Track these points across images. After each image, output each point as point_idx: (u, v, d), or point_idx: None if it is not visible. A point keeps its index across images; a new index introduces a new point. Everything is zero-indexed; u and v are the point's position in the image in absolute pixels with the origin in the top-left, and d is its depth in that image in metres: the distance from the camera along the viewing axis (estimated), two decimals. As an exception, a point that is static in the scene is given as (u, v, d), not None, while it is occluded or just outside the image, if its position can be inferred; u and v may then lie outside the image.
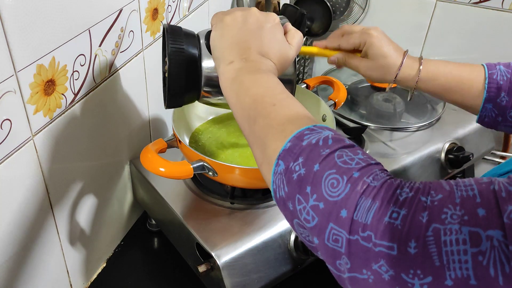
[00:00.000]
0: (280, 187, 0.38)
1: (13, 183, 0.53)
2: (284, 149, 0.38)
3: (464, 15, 1.01)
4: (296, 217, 0.37)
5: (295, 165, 0.37)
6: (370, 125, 0.90)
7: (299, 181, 0.36)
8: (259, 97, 0.44)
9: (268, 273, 0.66)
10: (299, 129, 0.39)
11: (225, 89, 0.48)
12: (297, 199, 0.37)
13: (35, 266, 0.60)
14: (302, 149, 0.37)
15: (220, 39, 0.50)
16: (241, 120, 0.45)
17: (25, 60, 0.50)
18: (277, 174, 0.39)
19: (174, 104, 0.56)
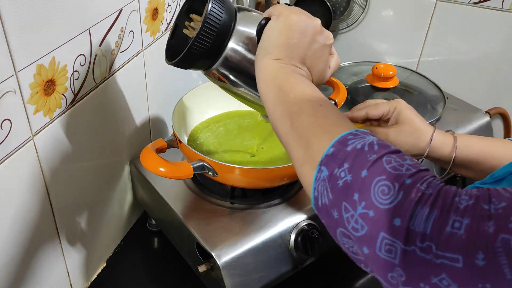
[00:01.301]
0: (324, 194, 0.37)
1: (13, 183, 0.53)
2: (326, 155, 0.37)
3: (464, 15, 1.01)
4: (341, 226, 0.36)
5: (340, 171, 0.36)
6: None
7: (345, 188, 0.35)
8: (306, 95, 0.43)
9: (268, 273, 0.66)
10: (342, 133, 0.38)
11: (265, 80, 0.47)
12: (344, 207, 0.35)
13: (35, 266, 0.60)
14: (347, 154, 0.36)
15: (277, 34, 0.48)
16: (279, 115, 0.44)
17: (25, 60, 0.50)
18: (319, 181, 0.37)
19: (184, 63, 0.53)
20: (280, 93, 0.45)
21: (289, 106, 0.43)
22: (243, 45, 0.53)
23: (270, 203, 0.70)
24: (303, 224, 0.67)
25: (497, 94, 1.02)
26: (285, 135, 0.43)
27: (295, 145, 0.42)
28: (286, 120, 0.43)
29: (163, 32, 0.80)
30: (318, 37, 0.49)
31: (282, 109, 0.44)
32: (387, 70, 0.96)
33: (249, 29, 0.53)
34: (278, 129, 0.44)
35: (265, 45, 0.49)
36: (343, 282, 0.77)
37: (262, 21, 0.50)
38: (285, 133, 0.43)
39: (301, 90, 0.44)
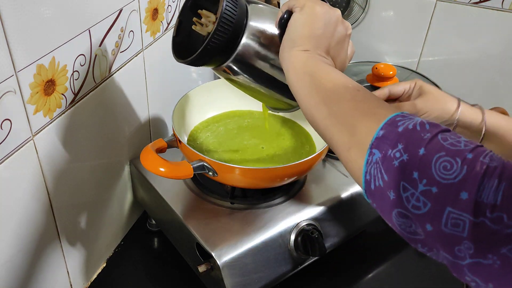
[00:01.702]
0: (377, 177, 0.37)
1: (13, 183, 0.53)
2: (377, 137, 0.37)
3: (464, 15, 1.01)
4: (398, 207, 0.36)
5: (395, 151, 0.36)
6: (370, 125, 0.89)
7: (402, 167, 0.35)
8: (341, 81, 0.44)
9: (268, 273, 0.66)
10: (390, 115, 0.38)
11: (295, 71, 0.47)
12: (402, 187, 0.35)
13: (35, 266, 0.60)
14: (399, 135, 0.36)
15: (303, 25, 0.49)
16: (315, 103, 0.44)
17: (25, 60, 0.50)
18: (371, 164, 0.37)
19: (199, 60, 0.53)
20: (313, 82, 0.45)
21: (326, 94, 0.44)
22: (256, 39, 0.53)
23: (270, 203, 0.70)
24: (303, 224, 0.67)
25: (497, 94, 1.02)
26: (322, 122, 0.44)
27: (337, 132, 0.42)
28: (324, 108, 0.43)
29: (163, 32, 0.80)
30: (340, 27, 0.50)
31: (318, 97, 0.44)
32: (387, 70, 0.96)
33: (261, 23, 0.53)
34: (315, 117, 0.45)
35: (292, 37, 0.49)
36: (343, 282, 0.77)
37: (285, 14, 0.51)
38: (322, 120, 0.44)
39: (334, 77, 0.45)
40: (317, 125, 0.45)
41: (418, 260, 0.82)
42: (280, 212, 0.69)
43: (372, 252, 0.82)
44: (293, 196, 0.72)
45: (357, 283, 0.77)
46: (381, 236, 0.86)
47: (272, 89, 0.59)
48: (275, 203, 0.70)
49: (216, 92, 0.82)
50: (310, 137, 0.79)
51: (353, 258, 0.81)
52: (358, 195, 0.75)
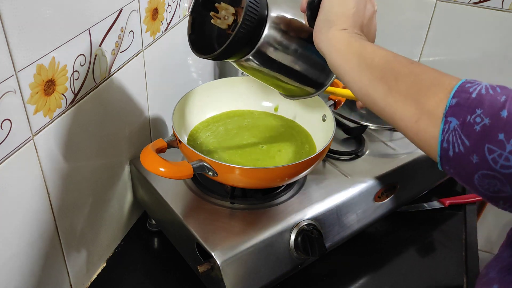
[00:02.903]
0: (457, 143, 0.38)
1: (13, 183, 0.53)
2: (450, 106, 0.38)
3: (464, 15, 1.01)
4: (483, 169, 0.37)
5: (474, 117, 0.37)
6: (370, 125, 0.89)
7: (485, 131, 0.36)
8: (391, 57, 0.44)
9: (268, 273, 0.66)
10: (456, 82, 0.39)
11: (338, 51, 0.48)
12: (487, 149, 0.36)
13: (35, 266, 0.60)
14: (475, 100, 0.37)
15: (337, 5, 0.49)
16: (368, 81, 0.45)
17: (25, 60, 0.50)
18: (448, 132, 0.38)
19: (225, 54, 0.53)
20: (362, 61, 0.46)
21: (380, 71, 0.44)
22: (279, 26, 0.53)
23: (270, 203, 0.70)
24: (303, 224, 0.67)
25: (497, 94, 1.02)
26: (382, 99, 0.44)
27: (400, 106, 0.42)
28: (380, 84, 0.44)
29: (163, 32, 0.80)
30: (368, 5, 0.52)
31: (370, 75, 0.45)
32: (387, 70, 0.96)
33: (283, 9, 0.54)
34: (371, 96, 0.45)
35: (327, 17, 0.50)
36: (343, 282, 0.77)
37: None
38: (381, 97, 0.44)
39: (383, 53, 0.45)
40: (374, 103, 0.45)
41: (418, 260, 0.82)
42: (280, 212, 0.69)
43: (372, 252, 0.82)
44: (293, 196, 0.72)
45: (357, 283, 0.77)
46: (381, 236, 0.86)
47: (293, 77, 0.59)
48: (275, 203, 0.70)
49: (216, 92, 0.82)
50: (310, 137, 0.79)
51: (353, 258, 0.81)
52: (358, 195, 0.75)
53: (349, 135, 0.87)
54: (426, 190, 0.91)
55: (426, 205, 0.92)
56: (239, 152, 0.74)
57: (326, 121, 0.76)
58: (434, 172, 0.89)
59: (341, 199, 0.73)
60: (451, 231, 0.87)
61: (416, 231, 0.87)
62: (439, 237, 0.86)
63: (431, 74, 0.42)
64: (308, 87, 0.62)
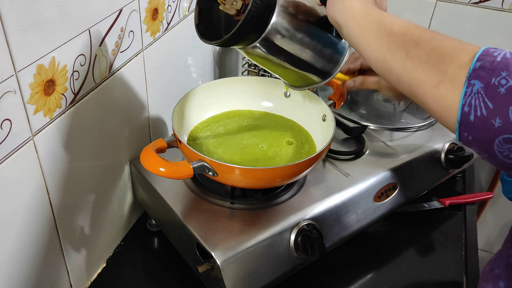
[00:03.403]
0: (480, 106, 0.38)
1: (13, 183, 0.53)
2: (474, 69, 0.38)
3: (464, 15, 1.01)
4: (505, 132, 0.37)
5: (499, 79, 0.37)
6: (370, 125, 0.90)
7: (511, 93, 0.36)
8: (410, 25, 0.45)
9: (268, 273, 0.66)
10: (479, 48, 0.39)
11: (356, 20, 0.48)
12: (511, 111, 0.36)
13: (35, 266, 0.60)
14: (500, 63, 0.37)
15: None
16: (387, 48, 0.45)
17: (25, 60, 0.50)
18: (471, 95, 0.38)
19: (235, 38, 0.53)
20: (382, 29, 0.46)
21: (399, 37, 0.45)
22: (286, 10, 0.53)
23: (270, 203, 0.70)
24: (303, 224, 0.67)
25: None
26: (400, 65, 0.44)
27: (420, 71, 0.43)
28: (399, 51, 0.44)
29: (163, 32, 0.80)
30: None
31: (390, 42, 0.45)
32: (387, 70, 0.96)
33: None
34: (389, 63, 0.45)
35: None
36: (343, 282, 0.77)
37: None
38: (400, 63, 0.44)
39: (401, 22, 0.46)
40: (390, 71, 0.45)
41: (418, 260, 0.82)
42: (280, 212, 0.69)
43: (372, 252, 0.82)
44: (293, 196, 0.72)
45: (357, 283, 0.77)
46: (381, 236, 0.86)
47: (299, 64, 0.60)
48: (275, 203, 0.70)
49: (216, 92, 0.82)
50: (310, 137, 0.79)
51: (353, 258, 0.81)
52: (358, 195, 0.75)
53: (349, 135, 0.87)
54: (426, 190, 0.91)
55: (426, 205, 0.92)
56: (239, 152, 0.74)
57: (326, 121, 0.76)
58: (434, 172, 0.89)
59: (341, 199, 0.73)
60: (451, 231, 0.87)
61: (416, 231, 0.87)
62: (439, 237, 0.86)
63: (453, 41, 0.42)
64: (314, 75, 0.62)
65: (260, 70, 1.07)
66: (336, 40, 0.61)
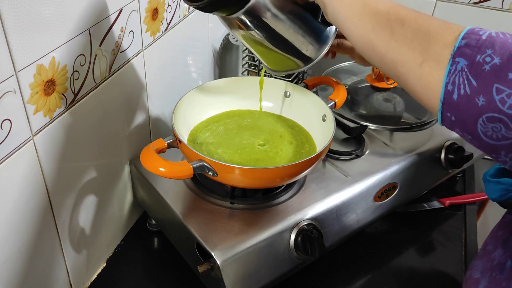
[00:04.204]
0: (463, 84, 0.37)
1: (13, 183, 0.53)
2: (459, 47, 0.38)
3: (464, 15, 1.01)
4: (489, 111, 0.36)
5: (484, 57, 0.36)
6: (370, 125, 0.90)
7: (495, 70, 0.36)
8: (395, 4, 0.45)
9: (268, 273, 0.66)
10: (465, 28, 0.39)
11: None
12: (495, 89, 0.36)
13: (35, 266, 0.60)
14: (486, 41, 0.37)
15: None
16: (372, 27, 0.45)
17: (25, 60, 0.50)
18: (455, 73, 0.38)
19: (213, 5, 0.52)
20: (366, 6, 0.46)
21: (385, 17, 0.44)
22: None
23: (270, 203, 0.70)
24: (303, 224, 0.67)
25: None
26: (385, 44, 0.44)
27: (404, 50, 0.42)
28: (384, 29, 0.44)
29: (163, 32, 0.80)
30: None
31: (375, 21, 0.45)
32: (387, 70, 0.96)
33: None
34: (374, 42, 0.45)
35: None
36: (343, 282, 0.77)
37: None
38: (384, 42, 0.44)
39: (386, 1, 0.46)
40: (374, 50, 0.45)
41: (418, 260, 0.82)
42: (280, 212, 0.69)
43: (372, 252, 0.82)
44: (293, 196, 0.72)
45: (356, 283, 0.77)
46: (381, 236, 0.86)
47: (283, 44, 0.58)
48: (275, 203, 0.71)
49: (216, 92, 0.82)
50: (310, 137, 0.79)
51: (353, 258, 0.81)
52: (358, 195, 0.75)
53: (349, 135, 0.87)
54: (426, 190, 0.91)
55: (426, 205, 0.92)
56: (239, 152, 0.74)
57: (326, 121, 0.76)
58: (434, 172, 0.89)
59: (341, 199, 0.73)
60: (451, 231, 0.87)
61: (416, 231, 0.87)
62: (439, 237, 0.86)
63: (439, 20, 0.42)
64: (296, 59, 0.61)
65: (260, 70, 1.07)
66: (322, 27, 0.60)
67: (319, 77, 0.87)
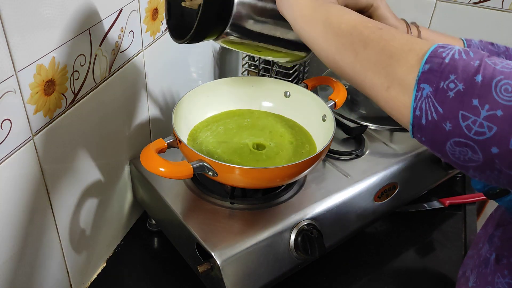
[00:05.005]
0: (430, 111, 0.37)
1: (13, 183, 0.53)
2: (423, 72, 0.37)
3: (464, 15, 1.01)
4: (456, 136, 0.36)
5: (448, 83, 0.36)
6: (370, 125, 0.90)
7: (459, 97, 0.35)
8: (358, 22, 0.43)
9: (268, 273, 0.66)
10: (428, 48, 0.38)
11: (303, 18, 0.46)
12: (461, 116, 0.35)
13: (35, 266, 0.60)
14: (448, 65, 0.36)
15: None
16: (336, 49, 0.43)
17: (25, 60, 0.50)
18: (421, 99, 0.37)
19: (199, 33, 0.52)
20: (328, 27, 0.44)
21: (345, 38, 0.43)
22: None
23: (270, 203, 0.70)
24: (303, 224, 0.67)
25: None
26: (350, 67, 0.43)
27: (370, 73, 0.41)
28: (348, 52, 0.43)
29: (163, 32, 0.80)
30: None
31: (339, 43, 0.43)
32: (387, 70, 0.96)
33: None
34: (339, 64, 0.44)
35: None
36: (343, 282, 0.77)
37: None
38: (350, 65, 0.43)
39: (349, 18, 0.44)
40: (342, 71, 0.44)
41: (418, 260, 0.82)
42: (280, 212, 0.69)
43: (372, 252, 0.82)
44: (293, 196, 0.72)
45: (356, 283, 0.77)
46: (381, 236, 0.86)
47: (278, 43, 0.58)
48: (275, 203, 0.71)
49: (216, 92, 0.82)
50: (310, 137, 0.79)
51: (353, 258, 0.81)
52: (358, 195, 0.75)
53: (349, 135, 0.87)
54: (426, 190, 0.91)
55: (426, 205, 0.92)
56: (239, 152, 0.74)
57: (326, 121, 0.76)
58: (434, 172, 0.89)
59: (341, 199, 0.73)
60: (451, 231, 0.87)
61: (416, 231, 0.87)
62: (439, 237, 0.86)
63: (401, 40, 0.41)
64: (298, 51, 0.61)
65: (260, 70, 1.07)
66: None
67: (319, 77, 0.87)
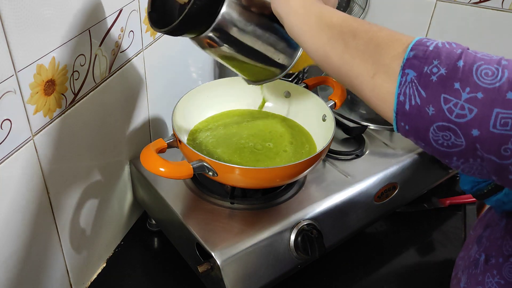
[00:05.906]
0: (414, 95, 0.39)
1: (13, 183, 0.53)
2: (408, 58, 0.39)
3: (464, 15, 1.01)
4: (439, 120, 0.38)
5: (431, 67, 0.38)
6: (370, 125, 0.90)
7: (442, 80, 0.37)
8: (348, 17, 0.46)
9: (268, 273, 0.66)
10: (414, 39, 0.40)
11: (296, 12, 0.49)
12: (443, 99, 0.37)
13: (35, 266, 0.60)
14: (433, 52, 0.38)
15: None
16: (327, 39, 0.46)
17: (25, 60, 0.50)
18: (406, 84, 0.39)
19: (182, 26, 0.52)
20: (321, 21, 0.47)
21: (338, 30, 0.46)
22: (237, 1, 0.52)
23: (270, 203, 0.70)
24: (303, 224, 0.67)
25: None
26: (339, 57, 0.45)
27: (357, 62, 0.43)
28: (338, 42, 0.45)
29: (163, 32, 0.80)
30: None
31: (329, 33, 0.46)
32: (387, 70, 0.96)
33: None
34: (328, 54, 0.46)
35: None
36: (343, 282, 0.77)
37: None
38: (339, 55, 0.45)
39: (341, 14, 0.47)
40: (330, 63, 0.46)
41: (418, 260, 0.82)
42: (280, 212, 0.69)
43: (372, 252, 0.82)
44: (293, 196, 0.72)
45: (357, 283, 0.77)
46: (381, 236, 0.86)
47: (256, 56, 0.58)
48: (275, 203, 0.71)
49: (216, 92, 0.82)
50: (310, 137, 0.79)
51: (353, 258, 0.81)
52: (358, 195, 0.75)
53: (349, 135, 0.87)
54: (426, 190, 0.91)
55: (426, 205, 0.92)
56: (239, 152, 0.74)
57: (326, 121, 0.76)
58: (434, 172, 0.89)
59: (341, 199, 0.73)
60: (451, 231, 0.87)
61: (416, 231, 0.87)
62: (439, 237, 0.86)
63: (389, 32, 0.43)
64: (273, 67, 0.61)
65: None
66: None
67: (319, 77, 0.87)
